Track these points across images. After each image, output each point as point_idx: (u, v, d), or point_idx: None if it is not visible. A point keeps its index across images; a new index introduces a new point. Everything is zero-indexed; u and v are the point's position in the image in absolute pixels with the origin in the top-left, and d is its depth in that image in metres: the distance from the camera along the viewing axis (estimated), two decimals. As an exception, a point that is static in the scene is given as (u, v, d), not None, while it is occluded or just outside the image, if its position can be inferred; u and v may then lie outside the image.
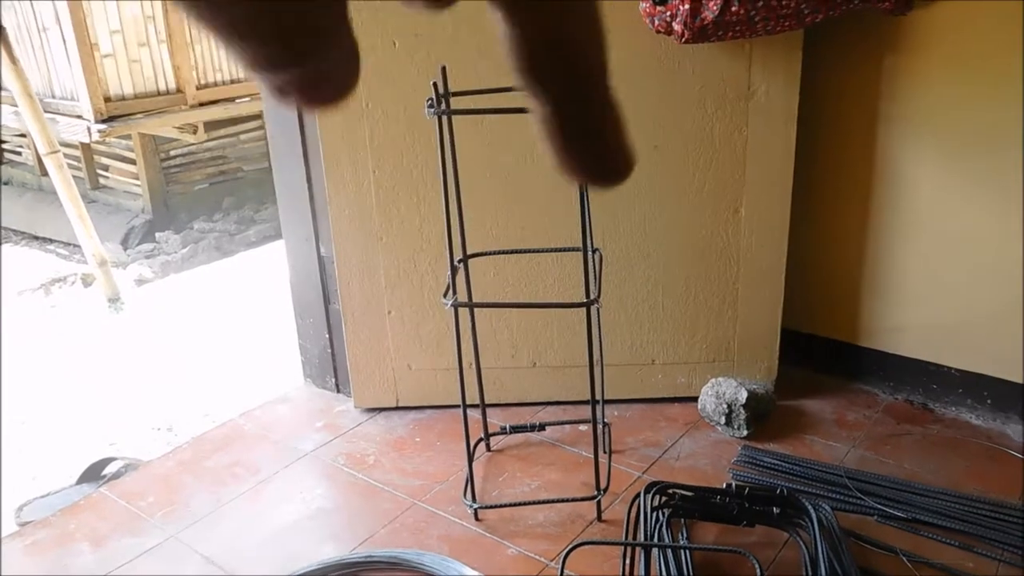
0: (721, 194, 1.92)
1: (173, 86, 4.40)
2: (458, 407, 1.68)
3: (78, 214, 3.77)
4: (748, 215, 1.93)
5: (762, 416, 1.99)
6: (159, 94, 4.36)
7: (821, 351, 2.20)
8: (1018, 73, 1.75)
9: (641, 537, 1.54)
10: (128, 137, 4.49)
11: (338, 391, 2.24)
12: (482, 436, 1.93)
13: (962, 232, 1.93)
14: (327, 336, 2.19)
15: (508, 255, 1.94)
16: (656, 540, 1.53)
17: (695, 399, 2.05)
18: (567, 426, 2.01)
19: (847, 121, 1.99)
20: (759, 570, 1.42)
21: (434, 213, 1.93)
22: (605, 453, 1.88)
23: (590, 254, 1.55)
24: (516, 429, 1.88)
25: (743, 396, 1.93)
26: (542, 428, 1.90)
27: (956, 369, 2.02)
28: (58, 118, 4.25)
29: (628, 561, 1.52)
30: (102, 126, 4.12)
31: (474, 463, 1.80)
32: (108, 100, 4.16)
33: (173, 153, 4.71)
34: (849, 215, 2.06)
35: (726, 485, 1.60)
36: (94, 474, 2.21)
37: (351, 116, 1.86)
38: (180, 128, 4.47)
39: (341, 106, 0.25)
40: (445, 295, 1.55)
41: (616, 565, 1.54)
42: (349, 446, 2.00)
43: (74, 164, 4.78)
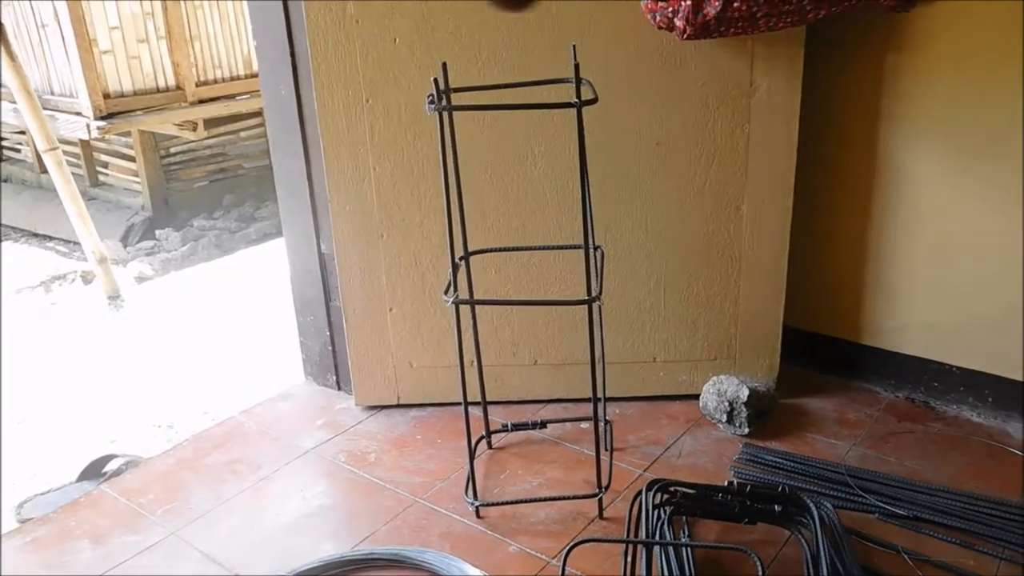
0: (723, 191, 1.91)
1: (172, 83, 4.39)
2: (459, 405, 1.68)
3: (78, 211, 3.76)
4: (750, 212, 1.93)
5: (764, 414, 1.99)
6: (158, 91, 4.35)
7: (823, 349, 2.20)
8: (1020, 70, 1.75)
9: (643, 535, 1.53)
10: (128, 134, 4.49)
11: (339, 388, 2.24)
12: (483, 434, 1.93)
13: (964, 230, 1.92)
14: (328, 333, 2.19)
15: (509, 252, 1.93)
16: (658, 538, 1.53)
17: (697, 397, 2.05)
18: (568, 424, 2.01)
19: (849, 118, 1.99)
20: (761, 568, 1.42)
21: (435, 210, 1.92)
22: (606, 451, 1.88)
23: (591, 251, 1.54)
24: (517, 427, 1.88)
25: (745, 394, 1.93)
26: (543, 426, 1.90)
27: (957, 367, 2.02)
28: (57, 115, 4.24)
29: (629, 559, 1.51)
30: (101, 123, 4.12)
31: (475, 461, 1.79)
32: (107, 97, 4.16)
33: (173, 150, 4.70)
34: (851, 213, 2.06)
35: (728, 483, 1.60)
36: (95, 471, 2.21)
37: (352, 112, 1.86)
38: (180, 125, 4.46)
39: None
40: (446, 292, 1.55)
41: (617, 563, 1.53)
42: (350, 443, 2.00)
43: (73, 161, 4.77)
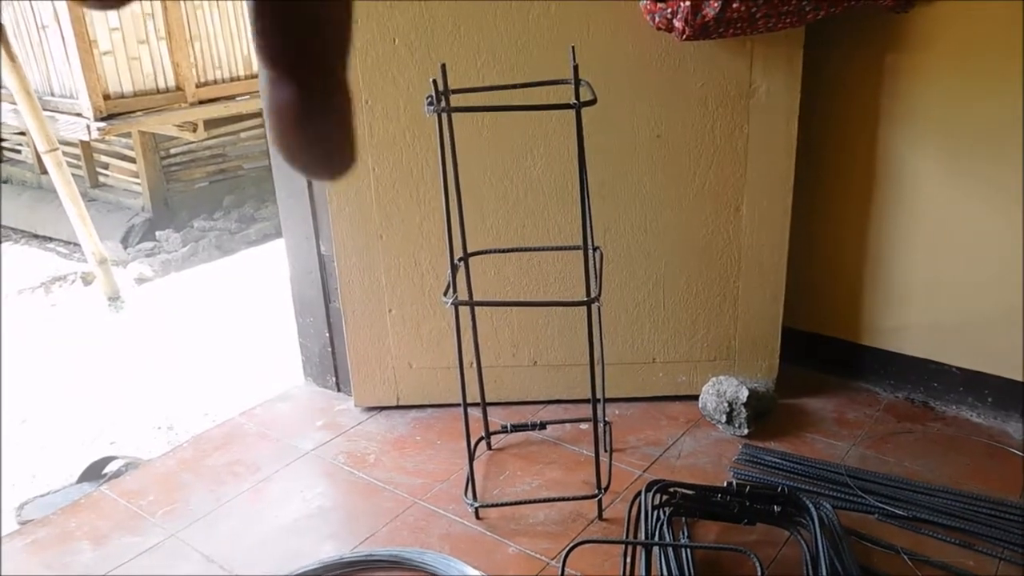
0: (722, 192, 1.91)
1: (173, 84, 4.39)
2: (459, 406, 1.68)
3: (78, 212, 3.76)
4: (749, 213, 1.93)
5: (763, 414, 1.99)
6: (159, 92, 4.35)
7: (822, 349, 2.20)
8: (1019, 70, 1.75)
9: (642, 536, 1.54)
10: (128, 135, 4.49)
11: (338, 390, 2.24)
12: (483, 435, 1.93)
13: (963, 230, 1.92)
14: (327, 335, 2.19)
15: (509, 253, 1.93)
16: (657, 539, 1.53)
17: (696, 397, 2.05)
18: (568, 425, 2.01)
19: (848, 119, 1.99)
20: (760, 568, 1.42)
21: (434, 211, 1.92)
22: (606, 452, 1.88)
23: (591, 252, 1.54)
24: (517, 428, 1.88)
25: (744, 394, 1.92)
26: (543, 427, 1.90)
27: (957, 367, 2.02)
28: (57, 116, 4.24)
29: (629, 560, 1.51)
30: (101, 124, 4.11)
31: (475, 462, 1.79)
32: (107, 98, 4.15)
33: (173, 151, 4.70)
34: (850, 213, 2.06)
35: (727, 484, 1.60)
36: (94, 473, 2.21)
37: (351, 114, 1.86)
38: (180, 126, 4.46)
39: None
40: (445, 293, 1.55)
41: (617, 564, 1.53)
42: (350, 445, 2.00)
43: (73, 162, 4.77)
